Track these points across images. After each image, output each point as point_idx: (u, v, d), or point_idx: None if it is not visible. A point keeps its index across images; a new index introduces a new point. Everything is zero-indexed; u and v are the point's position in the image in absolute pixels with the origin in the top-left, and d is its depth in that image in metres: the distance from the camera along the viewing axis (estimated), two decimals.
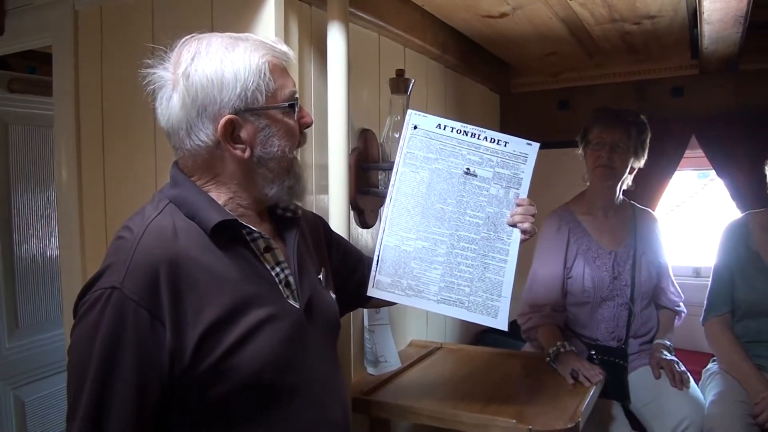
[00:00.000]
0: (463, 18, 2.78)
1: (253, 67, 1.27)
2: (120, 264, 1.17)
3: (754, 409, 2.34)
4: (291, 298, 1.36)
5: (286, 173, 1.36)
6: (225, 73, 1.25)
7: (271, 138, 1.32)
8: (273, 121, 1.32)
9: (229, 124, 1.26)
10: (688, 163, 3.54)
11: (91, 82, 2.20)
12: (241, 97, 1.26)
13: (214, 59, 1.25)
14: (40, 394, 3.48)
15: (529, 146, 1.75)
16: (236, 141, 1.29)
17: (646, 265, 2.69)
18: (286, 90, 1.33)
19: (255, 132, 1.30)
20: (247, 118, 1.28)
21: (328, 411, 1.41)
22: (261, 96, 1.28)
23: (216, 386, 1.21)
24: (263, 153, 1.32)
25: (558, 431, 1.82)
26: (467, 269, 1.73)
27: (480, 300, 1.73)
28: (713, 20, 2.40)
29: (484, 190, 1.74)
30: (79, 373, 1.15)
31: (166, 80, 1.28)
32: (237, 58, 1.26)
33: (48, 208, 3.54)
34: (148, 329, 1.15)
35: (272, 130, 1.32)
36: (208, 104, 1.25)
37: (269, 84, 1.29)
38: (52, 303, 3.55)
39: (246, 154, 1.30)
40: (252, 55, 1.28)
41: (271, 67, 1.30)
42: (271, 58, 1.31)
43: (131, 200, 1.44)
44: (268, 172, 1.34)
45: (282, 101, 1.32)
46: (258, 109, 1.29)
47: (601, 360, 2.49)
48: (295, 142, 1.37)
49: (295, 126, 1.37)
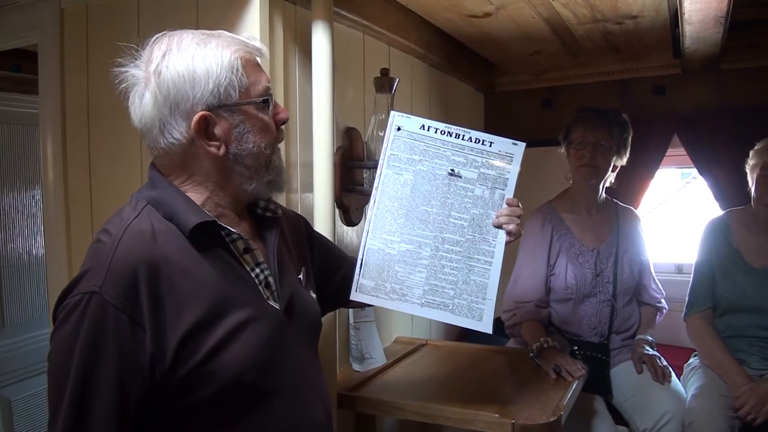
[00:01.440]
0: (447, 17, 2.80)
1: (226, 63, 1.25)
2: (99, 268, 1.16)
3: (735, 403, 2.38)
4: (271, 299, 1.35)
5: (264, 169, 1.35)
6: (197, 69, 1.23)
7: (246, 134, 1.30)
8: (247, 117, 1.30)
9: (203, 121, 1.24)
10: (672, 160, 3.58)
11: (77, 81, 2.20)
12: (213, 93, 1.24)
13: (186, 56, 1.24)
14: (27, 393, 3.48)
15: (514, 146, 1.72)
16: (211, 138, 1.27)
17: (628, 263, 2.71)
18: (259, 85, 1.31)
19: (230, 128, 1.28)
20: (221, 114, 1.27)
21: (310, 410, 1.40)
22: (234, 92, 1.27)
23: (198, 389, 1.20)
24: (239, 150, 1.30)
25: (540, 425, 1.84)
26: (452, 272, 1.70)
27: (464, 303, 1.70)
28: (694, 21, 2.43)
29: (469, 191, 1.71)
30: (59, 380, 1.13)
31: (138, 78, 1.26)
32: (209, 54, 1.24)
33: (34, 207, 3.54)
34: (128, 334, 1.14)
35: (247, 126, 1.30)
36: (180, 101, 1.23)
37: (242, 79, 1.27)
38: (39, 302, 3.55)
39: (221, 151, 1.28)
40: (224, 51, 1.26)
41: (243, 63, 1.28)
42: (244, 53, 1.29)
43: (117, 200, 1.44)
44: (245, 169, 1.32)
45: (256, 97, 1.31)
46: (231, 105, 1.27)
47: (583, 355, 2.51)
48: (271, 138, 1.35)
49: (270, 122, 1.35)
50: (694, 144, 3.35)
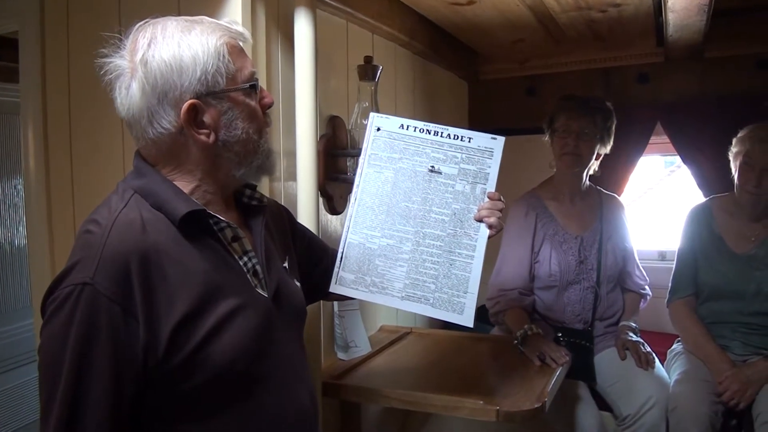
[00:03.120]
0: (431, 4, 2.79)
1: (212, 50, 1.24)
2: (90, 259, 1.15)
3: (719, 388, 2.40)
4: (259, 287, 1.35)
5: (253, 154, 1.34)
6: (183, 57, 1.22)
7: (235, 121, 1.29)
8: (235, 104, 1.29)
9: (192, 109, 1.23)
10: (655, 148, 3.60)
11: (58, 69, 2.17)
12: (201, 80, 1.23)
13: (171, 43, 1.23)
14: (11, 384, 3.46)
15: (493, 140, 1.74)
16: (200, 126, 1.26)
17: (611, 250, 2.73)
18: (245, 71, 1.31)
19: (218, 116, 1.27)
20: (209, 102, 1.26)
21: (297, 397, 1.41)
22: (221, 78, 1.26)
23: (189, 378, 1.20)
24: (228, 137, 1.29)
25: (525, 411, 1.85)
26: (433, 266, 1.72)
27: (445, 296, 1.71)
28: (677, 8, 2.43)
29: (450, 186, 1.73)
30: (51, 374, 1.12)
31: (123, 69, 1.25)
32: (194, 41, 1.23)
33: (16, 197, 3.51)
34: (121, 325, 1.14)
35: (235, 112, 1.29)
36: (168, 90, 1.22)
37: (229, 66, 1.27)
38: (21, 293, 3.53)
39: (211, 138, 1.27)
40: (209, 37, 1.25)
41: (229, 49, 1.27)
42: (229, 39, 1.28)
43: (99, 189, 1.43)
44: (234, 156, 1.32)
45: (242, 82, 1.30)
46: (219, 92, 1.26)
47: (567, 342, 2.52)
48: (259, 123, 1.35)
49: (257, 107, 1.34)
50: (677, 132, 3.37)
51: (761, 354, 2.47)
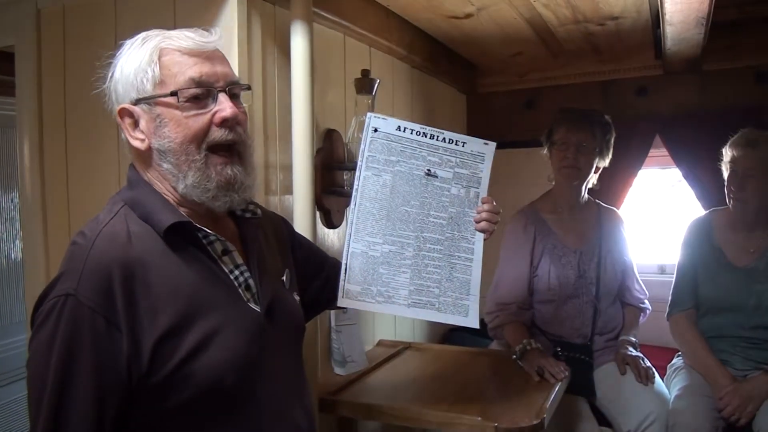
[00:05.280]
0: (428, 18, 2.79)
1: (146, 56, 1.25)
2: (73, 271, 1.15)
3: (719, 403, 2.38)
4: (251, 301, 1.33)
5: (187, 166, 1.26)
6: (124, 67, 1.26)
7: (161, 128, 1.25)
8: (164, 111, 1.25)
9: (124, 113, 1.27)
10: (654, 161, 3.59)
11: (54, 83, 2.17)
12: (133, 85, 1.25)
13: (127, 55, 1.27)
14: (7, 399, 3.45)
15: (485, 146, 1.78)
16: (136, 131, 1.29)
17: (611, 263, 2.72)
18: (180, 77, 1.25)
19: (150, 121, 1.26)
20: (143, 108, 1.26)
21: (290, 415, 1.39)
22: (148, 84, 1.25)
23: (174, 394, 1.19)
24: (158, 144, 1.26)
25: (523, 428, 1.83)
26: (435, 270, 1.74)
27: (450, 300, 1.74)
28: (675, 21, 2.43)
29: (446, 190, 1.75)
30: (37, 386, 1.13)
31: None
32: (134, 49, 1.27)
33: (13, 210, 3.51)
34: (104, 335, 1.13)
35: (164, 119, 1.25)
36: (119, 98, 1.28)
37: (155, 71, 1.25)
38: (17, 307, 3.52)
39: (144, 145, 1.28)
40: (147, 42, 1.26)
41: (162, 54, 1.25)
42: (168, 45, 1.26)
43: (95, 202, 1.43)
44: (171, 167, 1.27)
45: (175, 89, 1.24)
46: (147, 98, 1.25)
47: (566, 357, 2.51)
48: (188, 133, 1.26)
49: (194, 117, 1.26)
50: (676, 145, 3.36)
51: (762, 369, 2.45)
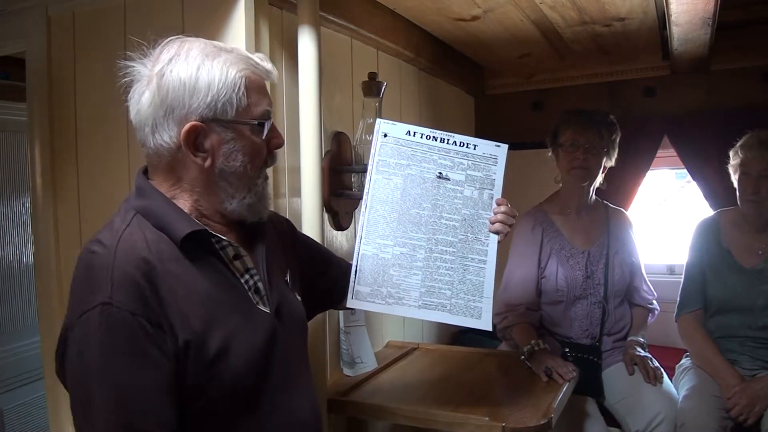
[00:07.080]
0: (435, 20, 2.80)
1: (229, 80, 1.26)
2: (102, 280, 1.16)
3: (727, 403, 2.38)
4: (261, 303, 1.36)
5: (246, 189, 1.35)
6: (199, 80, 1.25)
7: (235, 152, 1.30)
8: (239, 136, 1.30)
9: (193, 131, 1.25)
10: (664, 161, 3.58)
11: (65, 88, 2.19)
12: (210, 105, 1.25)
13: (192, 64, 1.25)
14: (19, 402, 3.47)
15: (498, 148, 1.79)
16: (198, 149, 1.28)
17: (618, 264, 2.72)
18: (259, 108, 1.32)
19: (220, 143, 1.29)
20: (213, 128, 1.27)
21: (300, 412, 1.42)
22: (231, 109, 1.27)
23: (202, 395, 1.21)
24: (225, 166, 1.30)
25: (531, 428, 1.84)
26: (447, 272, 1.74)
27: (462, 302, 1.74)
28: (681, 22, 2.43)
29: (458, 192, 1.76)
30: (93, 404, 1.12)
31: (142, 75, 1.28)
32: (215, 68, 1.26)
33: (24, 215, 3.53)
34: (154, 334, 1.15)
35: (237, 144, 1.30)
36: (176, 107, 1.25)
37: (242, 99, 1.28)
38: (30, 310, 3.54)
39: (207, 163, 1.29)
40: (231, 67, 1.27)
41: (247, 83, 1.29)
42: (251, 74, 1.30)
43: (106, 207, 1.45)
44: (228, 186, 1.33)
45: (252, 118, 1.31)
46: (226, 121, 1.28)
47: (575, 357, 2.52)
48: (260, 161, 1.36)
49: (262, 144, 1.35)
50: (684, 145, 3.35)
51: None
